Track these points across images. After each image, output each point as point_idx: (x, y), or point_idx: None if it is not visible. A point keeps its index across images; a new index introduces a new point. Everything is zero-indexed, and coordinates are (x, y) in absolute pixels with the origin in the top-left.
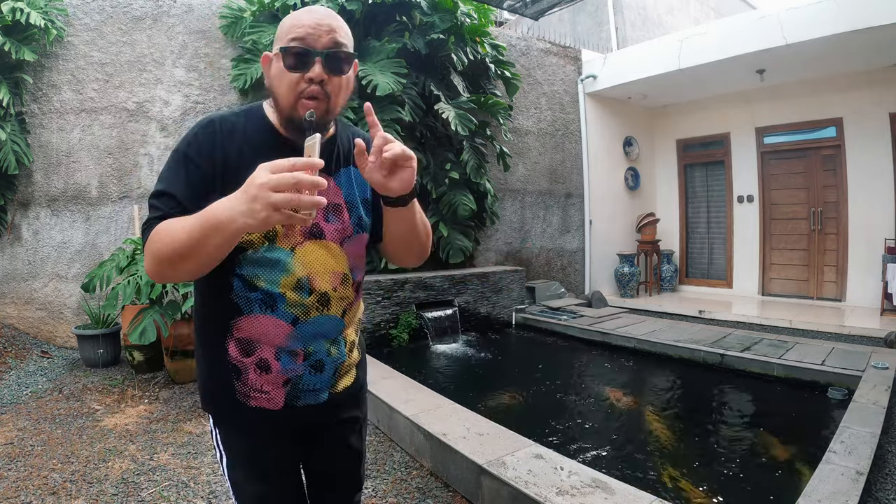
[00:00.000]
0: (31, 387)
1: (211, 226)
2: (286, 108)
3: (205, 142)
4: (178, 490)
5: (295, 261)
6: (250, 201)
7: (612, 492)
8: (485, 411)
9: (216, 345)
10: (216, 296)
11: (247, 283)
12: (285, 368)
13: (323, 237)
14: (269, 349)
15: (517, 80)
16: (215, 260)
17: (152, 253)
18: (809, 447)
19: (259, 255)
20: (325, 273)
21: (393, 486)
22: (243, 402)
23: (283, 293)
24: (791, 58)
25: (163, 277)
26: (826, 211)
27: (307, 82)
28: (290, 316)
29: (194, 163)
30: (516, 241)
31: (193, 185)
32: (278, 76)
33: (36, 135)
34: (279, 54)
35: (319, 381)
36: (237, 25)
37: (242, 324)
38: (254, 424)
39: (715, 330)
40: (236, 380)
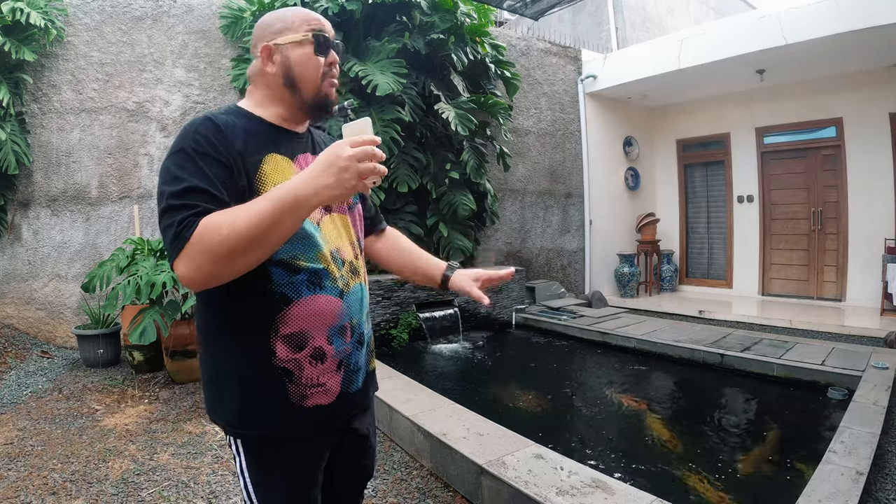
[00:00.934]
0: (31, 387)
1: (288, 205)
2: (313, 88)
3: (213, 136)
4: (178, 490)
5: (322, 233)
6: (340, 172)
7: (612, 492)
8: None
9: (258, 353)
10: (252, 295)
11: (287, 266)
12: (338, 350)
13: (332, 210)
14: (322, 334)
15: (517, 80)
16: (280, 244)
17: (201, 251)
18: (809, 447)
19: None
20: (345, 243)
21: (393, 486)
22: (299, 405)
23: (325, 267)
24: (791, 58)
25: (211, 278)
26: (826, 211)
27: (329, 66)
28: (337, 289)
29: (210, 156)
30: (516, 241)
31: (219, 178)
32: (304, 60)
33: (36, 135)
34: (307, 38)
35: (361, 357)
36: (237, 25)
37: (292, 313)
38: (307, 427)
39: (715, 330)
40: (289, 382)
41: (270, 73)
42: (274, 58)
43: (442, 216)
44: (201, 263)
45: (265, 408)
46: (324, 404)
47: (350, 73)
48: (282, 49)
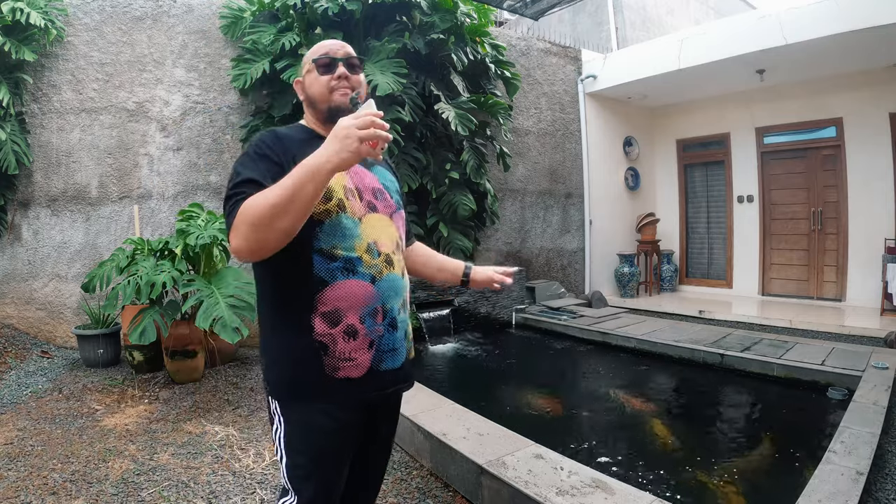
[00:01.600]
0: (31, 387)
1: (307, 173)
2: (324, 101)
3: (272, 144)
4: (178, 490)
5: (362, 228)
6: (342, 138)
7: (612, 492)
8: (485, 411)
9: (300, 326)
10: (297, 277)
11: (326, 255)
12: (369, 330)
13: (377, 210)
14: (355, 313)
15: (517, 80)
16: (306, 213)
17: (246, 221)
18: (809, 447)
19: (336, 223)
20: (385, 238)
21: (393, 486)
22: (331, 376)
23: (359, 256)
24: (791, 58)
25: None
26: (826, 211)
27: (336, 80)
28: (369, 275)
29: (268, 157)
30: (516, 241)
31: (272, 172)
32: (313, 82)
33: (36, 135)
34: (312, 67)
35: (395, 340)
36: (237, 25)
37: (328, 294)
38: (341, 397)
39: (715, 330)
40: (324, 354)
41: (303, 100)
42: (302, 89)
43: (442, 216)
44: (245, 232)
45: (303, 376)
46: (354, 377)
47: None
48: (304, 79)
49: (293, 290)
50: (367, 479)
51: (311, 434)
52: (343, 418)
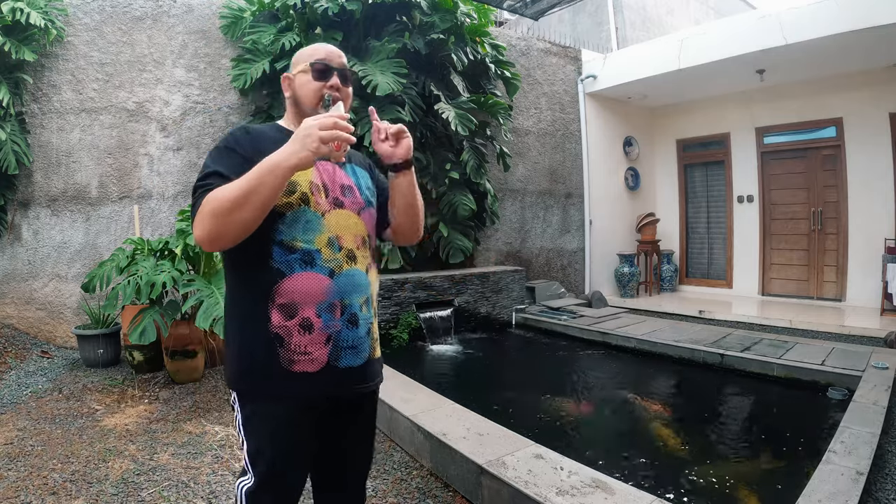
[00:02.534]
0: (31, 387)
1: (267, 168)
2: (310, 106)
3: (242, 138)
4: (178, 490)
5: (325, 222)
6: (303, 138)
7: (612, 492)
8: (485, 411)
9: (258, 316)
10: (256, 267)
11: (285, 246)
12: (326, 325)
13: (343, 207)
14: (311, 307)
15: (517, 80)
16: (266, 207)
17: (208, 212)
18: (809, 447)
19: (297, 216)
20: (349, 234)
21: (393, 486)
22: (286, 369)
23: (318, 249)
24: (791, 58)
25: (215, 235)
26: (826, 211)
27: (328, 89)
28: (328, 269)
29: (236, 152)
30: (516, 241)
31: (237, 166)
32: (304, 85)
33: (36, 135)
34: (307, 68)
35: (356, 337)
36: (237, 25)
37: (285, 286)
38: (294, 390)
39: (715, 330)
40: (279, 346)
41: (288, 97)
42: (290, 86)
43: (442, 216)
44: (206, 223)
45: (259, 367)
46: (310, 371)
47: None
48: (294, 78)
49: (253, 281)
50: (344, 478)
51: (268, 424)
52: (299, 411)
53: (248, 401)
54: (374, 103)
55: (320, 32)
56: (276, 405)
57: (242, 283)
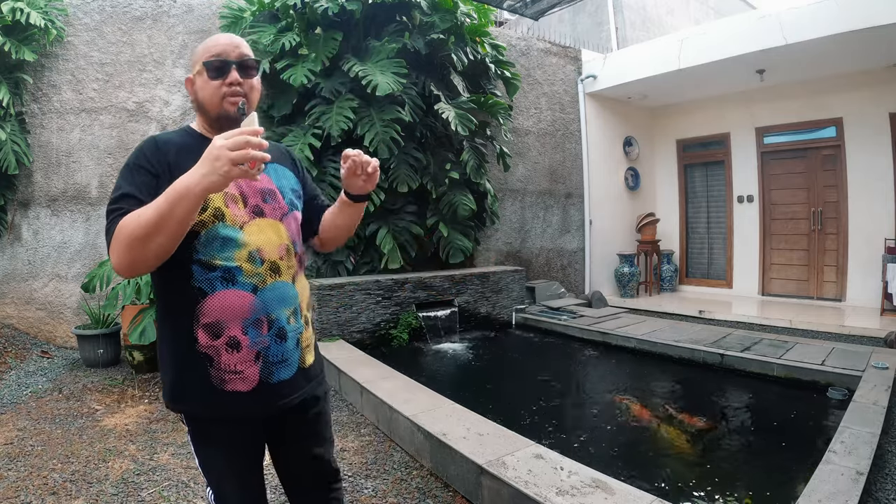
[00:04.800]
0: (31, 387)
1: (177, 194)
2: (214, 108)
3: (150, 152)
4: (178, 490)
5: (244, 236)
6: (213, 161)
7: (612, 492)
8: (485, 411)
9: (184, 337)
10: (178, 289)
11: (205, 265)
12: (253, 341)
13: (264, 215)
14: (237, 325)
15: (517, 80)
16: (182, 231)
17: (121, 240)
18: (809, 447)
19: (212, 234)
20: (271, 245)
21: (393, 486)
22: (219, 388)
23: (239, 265)
24: (791, 58)
25: (133, 264)
26: (826, 211)
27: (227, 86)
28: (250, 285)
29: (145, 168)
30: (516, 241)
31: (148, 185)
32: (203, 86)
33: (36, 135)
34: (202, 68)
35: (285, 350)
36: (237, 25)
37: (208, 305)
38: (229, 410)
39: (715, 330)
40: (209, 366)
41: (192, 100)
42: (192, 89)
43: (442, 216)
44: (120, 251)
45: (192, 388)
46: (243, 391)
47: (350, 72)
48: (194, 80)
49: (177, 301)
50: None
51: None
52: (239, 428)
53: (190, 420)
54: (374, 103)
55: (320, 32)
56: (217, 424)
57: (168, 304)
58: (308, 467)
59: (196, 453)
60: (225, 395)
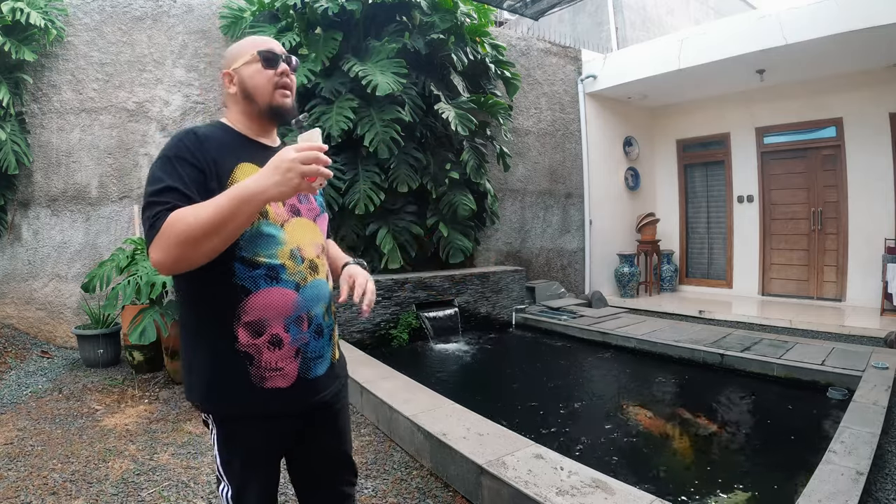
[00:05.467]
0: (31, 387)
1: (243, 198)
2: (265, 98)
3: (192, 145)
4: (178, 490)
5: (285, 234)
6: (284, 172)
7: (612, 492)
8: (485, 411)
9: (223, 337)
10: (217, 287)
11: (248, 262)
12: (294, 338)
13: (300, 214)
14: (279, 322)
15: (517, 80)
16: (237, 234)
17: (173, 237)
18: (809, 447)
19: (255, 231)
20: (309, 243)
21: (393, 486)
22: (258, 386)
23: (282, 263)
24: (791, 58)
25: (179, 262)
26: (826, 211)
27: (279, 76)
28: (293, 283)
29: (188, 161)
30: (516, 241)
31: (192, 179)
32: (254, 74)
33: (36, 135)
34: (254, 58)
35: (322, 346)
36: (237, 25)
37: (251, 303)
38: (267, 407)
39: (715, 330)
40: (250, 365)
41: (232, 93)
42: (233, 80)
43: (442, 216)
44: (170, 248)
45: (230, 387)
46: (282, 387)
47: (350, 72)
48: (238, 71)
49: (216, 299)
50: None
51: (245, 440)
52: (271, 428)
53: (220, 420)
54: (374, 103)
55: (320, 32)
56: (249, 423)
57: (202, 301)
58: (330, 464)
59: (220, 453)
60: (264, 392)
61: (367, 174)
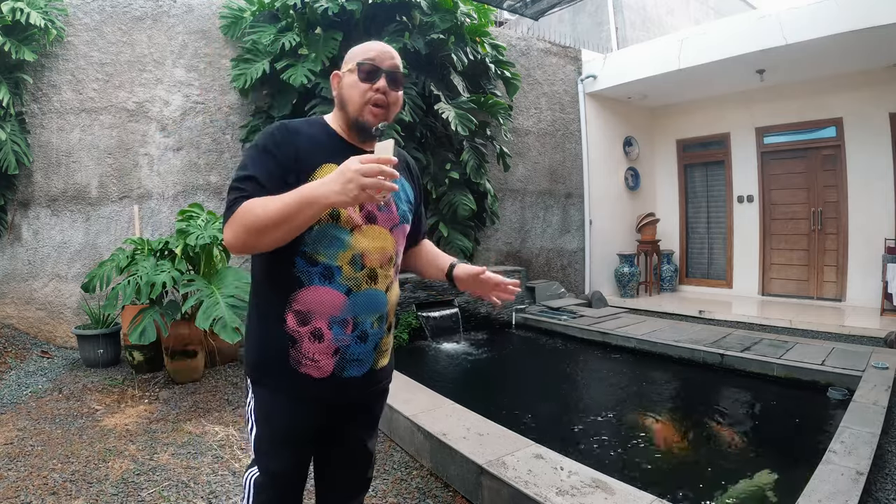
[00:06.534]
0: (31, 387)
1: (307, 200)
2: (356, 111)
3: (281, 139)
4: (178, 490)
5: (353, 239)
6: (346, 182)
7: (612, 492)
8: (485, 411)
9: (275, 316)
10: (279, 272)
11: (308, 258)
12: (336, 338)
13: (376, 222)
14: (324, 319)
15: (517, 80)
16: (299, 230)
17: (242, 224)
18: (809, 447)
19: (323, 232)
20: (375, 252)
21: (393, 486)
22: (294, 368)
23: (340, 266)
24: (791, 58)
25: (246, 245)
26: (826, 211)
27: (374, 92)
28: (345, 287)
29: (273, 154)
30: (516, 241)
31: (273, 172)
32: (352, 86)
33: (36, 135)
34: (354, 68)
35: (363, 351)
36: (237, 25)
37: (302, 295)
38: (298, 389)
39: (715, 330)
40: (291, 347)
41: (335, 95)
42: (338, 84)
43: (442, 216)
44: (238, 233)
45: (272, 361)
46: (314, 377)
47: None
48: (342, 76)
49: (274, 283)
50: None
51: (275, 413)
52: (302, 408)
53: (259, 389)
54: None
55: (320, 32)
56: (284, 398)
57: (265, 282)
58: (351, 464)
59: (255, 420)
60: (298, 375)
61: None
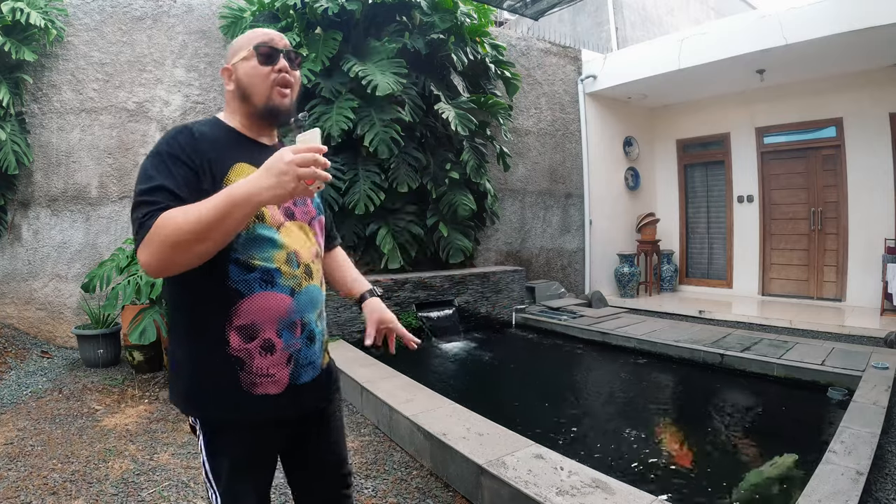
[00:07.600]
0: (31, 387)
1: (233, 202)
2: (262, 97)
3: (185, 143)
4: (178, 490)
5: (282, 237)
6: (280, 175)
7: (612, 492)
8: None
9: (214, 340)
10: (211, 289)
11: (243, 265)
12: (287, 344)
13: (295, 218)
14: (272, 327)
15: (517, 80)
16: (229, 237)
17: (162, 239)
18: (809, 447)
19: (252, 234)
20: (304, 248)
21: (393, 486)
22: (247, 392)
23: (278, 267)
24: (791, 58)
25: (167, 266)
26: (826, 211)
27: (276, 73)
28: (288, 288)
29: (182, 161)
30: (516, 240)
31: (185, 179)
32: (251, 72)
33: (36, 135)
34: (250, 54)
35: (313, 353)
36: (237, 25)
37: (245, 307)
38: (258, 414)
39: (715, 330)
40: (240, 370)
41: (230, 90)
42: (232, 77)
43: (442, 216)
44: (158, 251)
45: (218, 392)
46: (272, 394)
47: (350, 73)
48: (236, 67)
49: (208, 302)
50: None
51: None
52: (260, 436)
53: (207, 425)
54: (374, 103)
55: (320, 32)
56: (237, 430)
57: (194, 303)
58: (325, 468)
59: (207, 459)
60: (254, 399)
61: (367, 174)
